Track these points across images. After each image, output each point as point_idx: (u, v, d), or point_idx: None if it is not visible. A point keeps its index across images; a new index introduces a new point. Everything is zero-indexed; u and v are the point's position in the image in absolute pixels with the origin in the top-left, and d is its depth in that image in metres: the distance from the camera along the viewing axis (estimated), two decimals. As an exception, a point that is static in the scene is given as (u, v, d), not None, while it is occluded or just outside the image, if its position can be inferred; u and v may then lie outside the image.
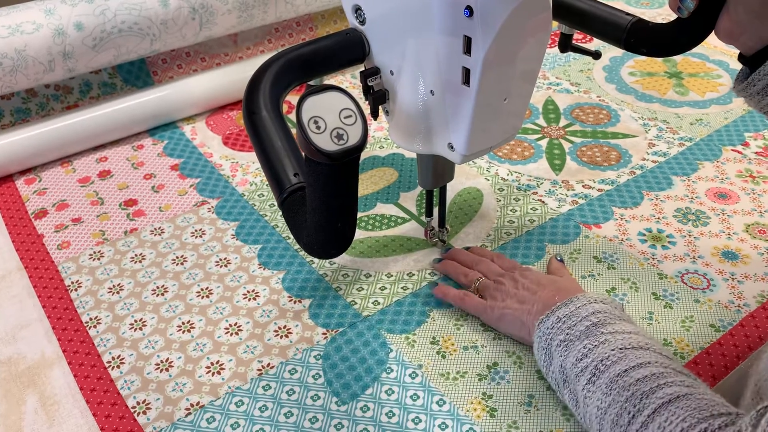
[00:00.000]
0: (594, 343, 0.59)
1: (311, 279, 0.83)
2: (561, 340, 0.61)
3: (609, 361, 0.56)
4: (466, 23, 0.58)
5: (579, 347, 0.59)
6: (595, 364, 0.57)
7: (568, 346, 0.60)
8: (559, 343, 0.61)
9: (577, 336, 0.60)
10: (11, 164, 1.03)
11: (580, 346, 0.59)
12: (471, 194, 0.95)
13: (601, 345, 0.58)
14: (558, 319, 0.63)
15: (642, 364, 0.55)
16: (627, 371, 0.55)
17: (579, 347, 0.59)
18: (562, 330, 0.62)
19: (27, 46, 0.97)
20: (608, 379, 0.55)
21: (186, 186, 1.01)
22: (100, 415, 0.69)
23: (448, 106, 0.65)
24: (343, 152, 0.51)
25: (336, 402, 0.69)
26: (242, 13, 1.13)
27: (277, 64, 0.65)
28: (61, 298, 0.83)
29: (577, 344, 0.60)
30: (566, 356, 0.60)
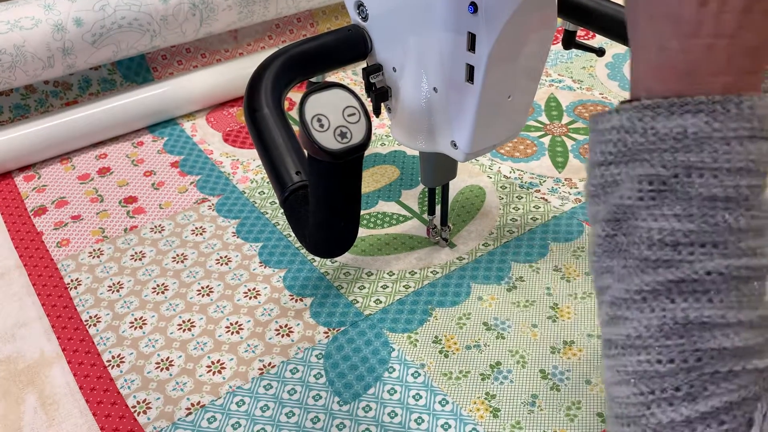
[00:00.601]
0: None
1: (312, 277, 0.83)
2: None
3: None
4: (470, 20, 0.57)
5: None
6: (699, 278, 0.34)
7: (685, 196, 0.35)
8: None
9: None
10: (10, 161, 1.02)
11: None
12: (473, 192, 0.95)
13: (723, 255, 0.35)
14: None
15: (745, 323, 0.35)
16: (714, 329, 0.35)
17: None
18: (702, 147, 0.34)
19: (26, 42, 0.96)
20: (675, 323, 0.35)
21: (186, 183, 1.00)
22: (99, 415, 0.68)
23: (452, 104, 0.65)
24: (347, 150, 0.50)
25: (338, 402, 0.68)
26: (243, 9, 1.12)
27: (279, 61, 0.65)
28: (61, 296, 0.82)
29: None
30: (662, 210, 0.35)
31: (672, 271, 0.35)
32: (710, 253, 0.35)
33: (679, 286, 0.35)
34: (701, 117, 0.34)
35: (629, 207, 0.36)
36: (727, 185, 0.34)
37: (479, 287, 0.80)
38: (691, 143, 0.34)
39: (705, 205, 0.34)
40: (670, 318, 0.35)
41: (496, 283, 0.80)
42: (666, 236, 0.35)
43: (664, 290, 0.35)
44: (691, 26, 0.34)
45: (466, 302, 0.78)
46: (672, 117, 0.34)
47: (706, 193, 0.34)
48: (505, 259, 0.84)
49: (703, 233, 0.35)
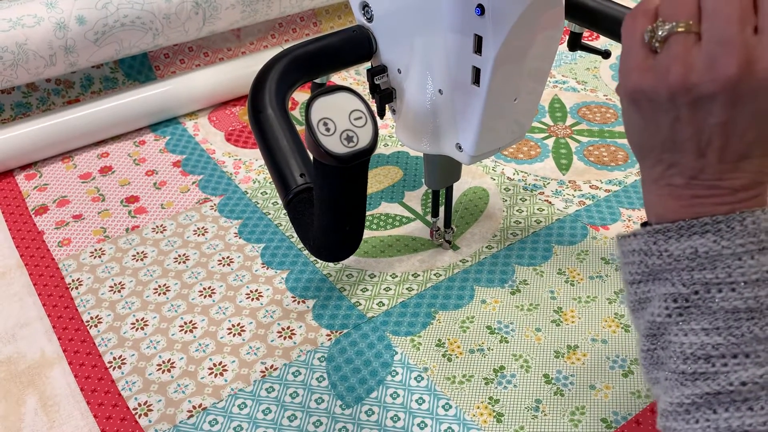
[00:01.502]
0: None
1: (315, 279, 0.82)
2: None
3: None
4: (477, 22, 0.57)
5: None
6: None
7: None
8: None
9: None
10: (11, 159, 1.02)
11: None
12: (477, 194, 0.94)
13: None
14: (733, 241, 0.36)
15: None
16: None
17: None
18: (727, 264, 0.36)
19: (28, 40, 0.95)
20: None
21: (188, 183, 0.99)
22: (100, 417, 0.68)
23: (457, 106, 0.64)
24: (353, 155, 0.49)
25: (340, 405, 0.68)
26: (246, 8, 1.12)
27: (283, 62, 0.64)
28: (62, 296, 0.82)
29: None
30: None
31: (708, 383, 0.37)
32: (743, 363, 0.36)
33: (717, 398, 0.37)
34: (709, 237, 0.36)
35: (660, 324, 0.39)
36: (747, 297, 0.36)
37: (483, 290, 0.79)
38: (705, 261, 0.37)
39: (729, 317, 0.36)
40: (714, 428, 0.37)
41: (500, 286, 0.80)
42: (697, 350, 0.37)
43: (704, 403, 0.37)
44: (693, 171, 0.37)
45: (469, 305, 0.78)
46: (682, 239, 0.37)
47: (727, 307, 0.36)
48: (509, 261, 0.83)
49: (732, 345, 0.36)
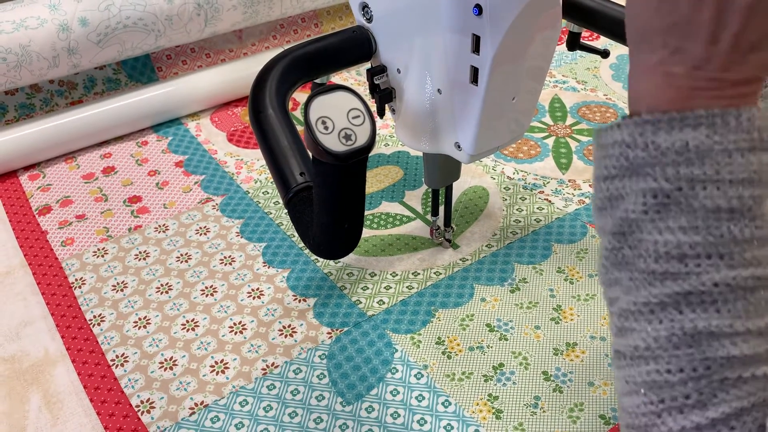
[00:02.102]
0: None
1: (316, 278, 0.83)
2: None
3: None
4: (475, 21, 0.57)
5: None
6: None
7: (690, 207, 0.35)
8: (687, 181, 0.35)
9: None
10: (15, 160, 1.02)
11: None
12: (477, 193, 0.95)
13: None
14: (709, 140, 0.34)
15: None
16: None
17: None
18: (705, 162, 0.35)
19: (31, 42, 0.96)
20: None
21: (190, 183, 1.00)
22: (103, 414, 0.68)
23: (456, 105, 0.65)
24: (351, 153, 0.50)
25: (341, 402, 0.68)
26: (247, 9, 1.12)
27: (283, 62, 0.65)
28: (65, 295, 0.82)
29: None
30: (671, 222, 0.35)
31: (679, 283, 0.36)
32: (716, 264, 0.35)
33: (687, 298, 0.35)
34: (702, 130, 0.34)
35: (634, 221, 0.37)
36: (730, 196, 0.35)
37: (482, 288, 0.80)
38: (693, 156, 0.35)
39: (710, 216, 0.35)
40: (679, 328, 0.36)
41: (499, 284, 0.80)
42: (672, 249, 0.36)
43: (672, 302, 0.36)
44: (699, 60, 0.34)
45: (469, 303, 0.78)
46: (673, 131, 0.35)
47: (710, 205, 0.35)
48: (509, 260, 0.84)
49: (709, 245, 0.35)
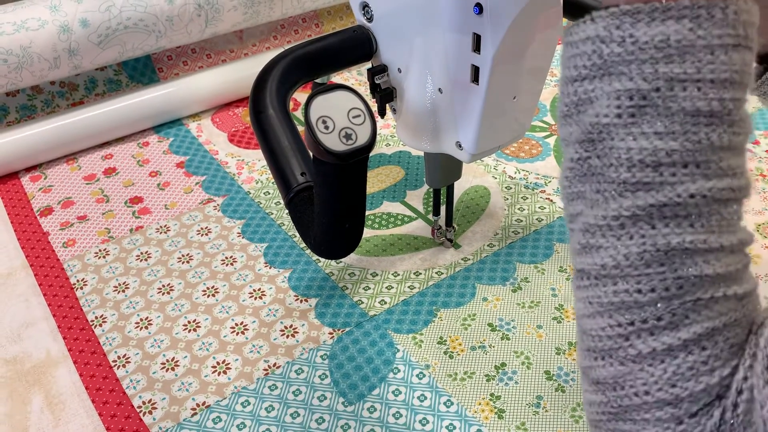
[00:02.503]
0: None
1: (317, 278, 0.83)
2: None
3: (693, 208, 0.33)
4: (475, 20, 0.57)
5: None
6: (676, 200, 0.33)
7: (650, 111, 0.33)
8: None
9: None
10: (17, 161, 1.02)
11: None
12: (478, 193, 0.95)
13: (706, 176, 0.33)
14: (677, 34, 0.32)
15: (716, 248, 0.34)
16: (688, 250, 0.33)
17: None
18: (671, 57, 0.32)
19: (32, 43, 0.96)
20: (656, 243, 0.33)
21: (192, 184, 1.00)
22: (105, 415, 0.68)
23: (457, 105, 0.65)
24: (352, 152, 0.50)
25: (343, 402, 0.68)
26: (248, 10, 1.12)
27: (284, 62, 0.65)
28: (67, 296, 0.82)
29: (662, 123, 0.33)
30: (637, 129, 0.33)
31: (653, 194, 0.33)
32: (692, 173, 0.33)
33: (661, 211, 0.33)
34: (685, 23, 0.31)
35: (605, 126, 0.34)
36: (711, 98, 0.32)
37: (484, 288, 0.80)
38: (674, 52, 0.32)
39: (688, 121, 0.32)
40: (651, 245, 0.33)
41: (501, 284, 0.80)
42: (647, 156, 0.33)
43: (645, 215, 0.33)
44: None
45: (471, 303, 0.78)
46: (653, 23, 0.32)
47: (689, 108, 0.32)
48: (510, 259, 0.84)
49: (686, 152, 0.32)
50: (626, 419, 0.35)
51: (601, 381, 0.36)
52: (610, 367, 0.35)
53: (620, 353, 0.35)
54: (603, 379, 0.36)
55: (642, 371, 0.34)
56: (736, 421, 0.33)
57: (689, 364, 0.34)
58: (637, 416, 0.35)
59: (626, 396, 0.35)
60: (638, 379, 0.34)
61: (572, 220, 0.37)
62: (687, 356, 0.34)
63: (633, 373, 0.35)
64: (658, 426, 0.34)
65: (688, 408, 0.34)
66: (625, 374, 0.35)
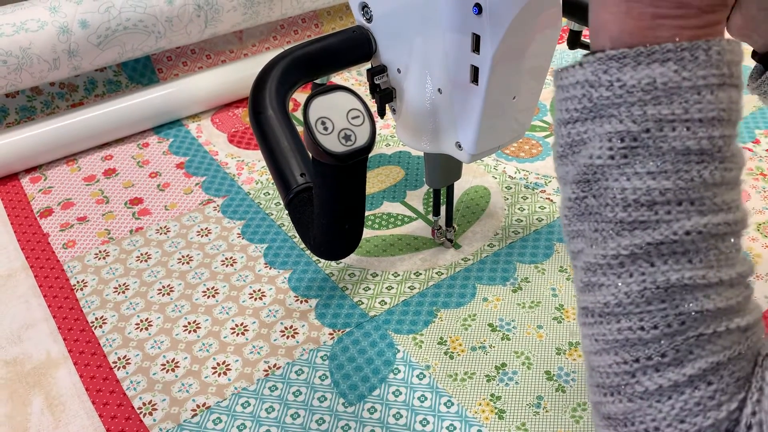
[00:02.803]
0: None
1: (317, 278, 0.83)
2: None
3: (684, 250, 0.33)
4: (474, 21, 0.57)
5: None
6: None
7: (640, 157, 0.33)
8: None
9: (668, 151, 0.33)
10: (16, 162, 1.03)
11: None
12: (478, 193, 0.95)
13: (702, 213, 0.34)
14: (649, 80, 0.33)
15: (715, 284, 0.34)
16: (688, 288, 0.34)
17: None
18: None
19: (32, 44, 0.96)
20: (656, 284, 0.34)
21: (191, 184, 1.00)
22: (106, 416, 0.68)
23: (456, 105, 0.65)
24: (351, 153, 0.50)
25: (343, 403, 0.68)
26: (247, 10, 1.12)
27: (283, 63, 0.65)
28: (67, 297, 0.82)
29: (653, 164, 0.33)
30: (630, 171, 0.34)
31: (649, 232, 0.33)
32: (687, 210, 0.33)
33: (658, 249, 0.33)
34: (670, 66, 0.32)
35: (599, 167, 0.34)
36: (700, 137, 0.33)
37: (484, 288, 0.80)
38: (661, 94, 0.33)
39: (679, 160, 0.33)
40: (651, 282, 0.34)
41: (502, 284, 0.80)
42: (641, 196, 0.33)
43: (643, 253, 0.34)
44: None
45: (471, 303, 0.78)
46: (639, 67, 0.33)
47: (679, 147, 0.33)
48: (510, 260, 0.83)
49: (679, 190, 0.33)
50: None
51: (612, 417, 0.37)
52: (619, 404, 0.36)
53: (628, 390, 0.35)
54: (614, 415, 0.36)
55: (650, 408, 0.35)
56: None
57: (696, 399, 0.34)
58: None
59: (637, 431, 0.35)
60: (647, 415, 0.35)
61: (575, 257, 0.38)
62: (693, 392, 0.34)
63: (642, 409, 0.35)
64: None
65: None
66: (634, 411, 0.35)
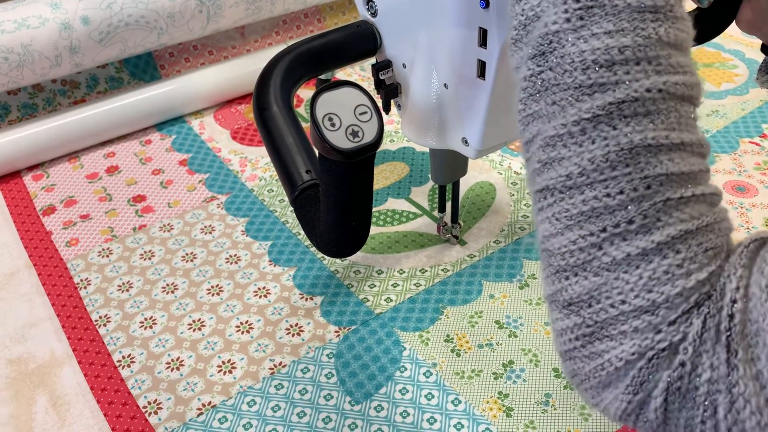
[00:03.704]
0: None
1: (322, 276, 0.82)
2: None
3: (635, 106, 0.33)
4: (481, 15, 0.56)
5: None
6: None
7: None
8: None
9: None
10: (19, 160, 1.02)
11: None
12: (484, 188, 0.94)
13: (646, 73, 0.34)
14: None
15: (678, 145, 0.34)
16: (652, 148, 0.34)
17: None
18: None
19: (33, 41, 0.95)
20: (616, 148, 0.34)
21: (195, 181, 1.00)
22: (111, 415, 0.68)
23: (462, 100, 0.64)
24: (359, 149, 0.49)
25: (349, 401, 0.68)
26: (249, 6, 1.11)
27: (288, 59, 0.64)
28: (71, 296, 0.82)
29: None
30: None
31: (610, 93, 0.33)
32: (645, 70, 0.34)
33: (620, 108, 0.33)
34: None
35: (555, 33, 0.34)
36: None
37: (491, 285, 0.79)
38: None
39: (635, 18, 0.34)
40: (615, 145, 0.34)
41: (508, 280, 0.80)
42: (600, 56, 0.34)
43: (605, 115, 0.34)
44: None
45: (477, 300, 0.77)
46: None
47: (634, 4, 0.33)
48: (517, 256, 0.83)
49: (637, 48, 0.33)
50: (602, 337, 0.35)
51: (575, 300, 0.36)
52: (584, 281, 0.35)
53: (594, 264, 0.35)
54: (577, 297, 0.35)
55: (617, 279, 0.34)
56: (734, 331, 0.32)
57: (664, 267, 0.33)
58: (614, 330, 0.34)
59: (602, 309, 0.34)
60: (614, 288, 0.34)
61: (530, 142, 0.37)
62: (662, 260, 0.33)
63: (608, 282, 0.34)
64: (636, 337, 0.34)
65: (666, 315, 0.33)
66: (600, 285, 0.35)
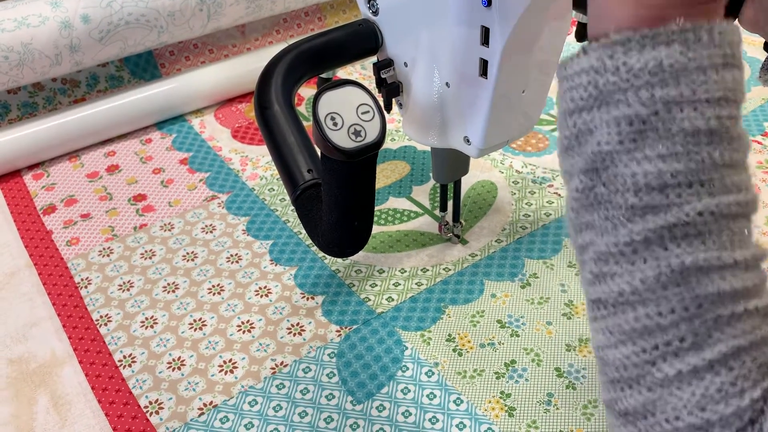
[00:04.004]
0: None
1: (324, 275, 0.82)
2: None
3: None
4: (484, 13, 0.56)
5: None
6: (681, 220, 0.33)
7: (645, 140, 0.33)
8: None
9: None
10: (19, 159, 1.02)
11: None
12: (485, 187, 0.94)
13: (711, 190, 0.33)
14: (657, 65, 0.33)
15: (731, 265, 0.34)
16: (705, 271, 0.33)
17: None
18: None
19: (33, 40, 0.95)
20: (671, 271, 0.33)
21: (195, 180, 0.99)
22: (112, 415, 0.68)
23: (464, 99, 0.64)
24: (361, 149, 0.49)
25: (351, 401, 0.67)
26: (250, 4, 1.11)
27: (289, 57, 0.64)
28: (71, 295, 0.82)
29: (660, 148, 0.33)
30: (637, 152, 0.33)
31: (661, 216, 0.33)
32: (698, 192, 0.33)
33: (671, 231, 0.33)
34: (675, 47, 0.32)
35: (608, 153, 0.34)
36: (708, 117, 0.33)
37: (492, 284, 0.79)
38: (668, 76, 0.33)
39: (689, 141, 0.33)
40: (666, 266, 0.33)
41: (510, 279, 0.79)
42: (652, 180, 0.33)
43: (656, 238, 0.34)
44: None
45: (479, 300, 0.77)
46: (645, 50, 0.33)
47: (688, 128, 0.33)
48: (518, 255, 0.83)
49: (690, 172, 0.33)
50: None
51: (630, 412, 0.36)
52: (638, 396, 0.35)
53: (647, 379, 0.35)
54: (632, 409, 0.36)
55: (671, 395, 0.34)
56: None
57: (717, 386, 0.33)
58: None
59: (657, 423, 0.35)
60: (668, 404, 0.34)
61: (583, 251, 0.37)
62: (714, 377, 0.33)
63: (662, 398, 0.34)
64: None
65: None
66: (654, 400, 0.35)
